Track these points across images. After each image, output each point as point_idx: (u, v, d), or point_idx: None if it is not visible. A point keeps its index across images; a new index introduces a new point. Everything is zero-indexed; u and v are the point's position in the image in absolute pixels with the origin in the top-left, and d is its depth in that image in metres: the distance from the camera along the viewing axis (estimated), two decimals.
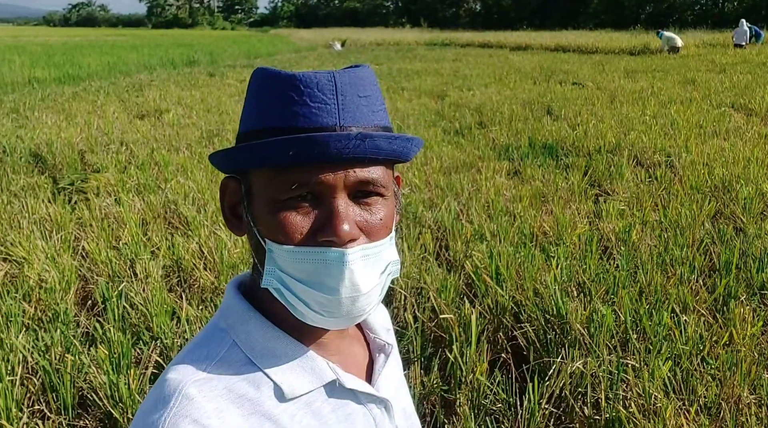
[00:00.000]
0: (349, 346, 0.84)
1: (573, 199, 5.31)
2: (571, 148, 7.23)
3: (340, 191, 0.70)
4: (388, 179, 0.74)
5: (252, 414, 0.70)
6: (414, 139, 0.75)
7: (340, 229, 0.68)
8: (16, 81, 15.77)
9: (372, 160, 0.71)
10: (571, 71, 16.37)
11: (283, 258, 0.70)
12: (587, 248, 3.97)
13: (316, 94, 0.70)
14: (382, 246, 0.73)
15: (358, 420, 0.79)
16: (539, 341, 3.05)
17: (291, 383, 0.74)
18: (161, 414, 0.66)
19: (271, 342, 0.75)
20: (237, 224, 0.79)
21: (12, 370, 2.67)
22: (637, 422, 2.36)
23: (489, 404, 2.69)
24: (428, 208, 4.99)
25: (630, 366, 2.70)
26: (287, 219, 0.69)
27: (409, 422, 0.90)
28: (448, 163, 6.61)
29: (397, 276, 0.78)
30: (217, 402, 0.69)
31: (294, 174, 0.68)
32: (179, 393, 0.68)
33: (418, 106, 10.83)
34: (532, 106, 10.25)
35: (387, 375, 0.86)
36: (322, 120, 0.69)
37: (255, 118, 0.73)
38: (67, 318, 3.21)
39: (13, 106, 11.35)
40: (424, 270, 3.70)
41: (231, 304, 0.79)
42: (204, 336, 0.78)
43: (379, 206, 0.73)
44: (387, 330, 0.92)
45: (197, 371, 0.71)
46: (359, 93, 0.72)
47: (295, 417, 0.73)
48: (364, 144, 0.68)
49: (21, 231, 4.50)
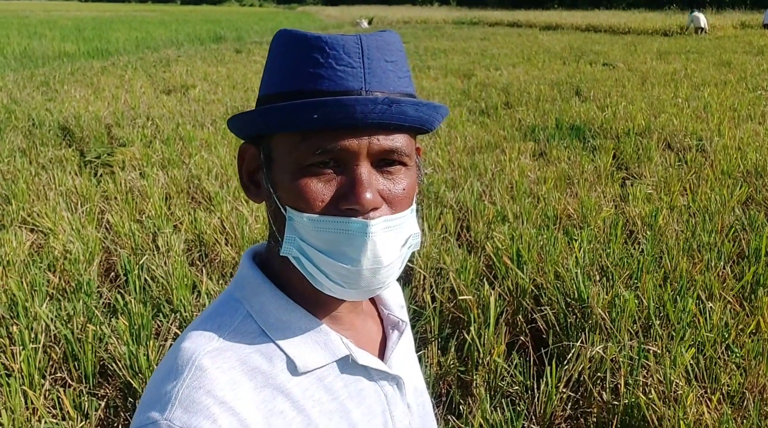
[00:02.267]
0: (363, 322, 0.83)
1: (599, 182, 5.21)
2: (599, 129, 7.08)
3: (363, 159, 0.68)
4: (411, 149, 0.72)
5: (264, 387, 0.69)
6: (440, 106, 0.72)
7: (363, 197, 0.66)
8: (47, 55, 15.97)
9: (396, 128, 0.69)
10: (601, 52, 16.02)
11: (304, 227, 0.68)
12: (612, 232, 3.89)
13: (342, 57, 0.67)
14: (404, 218, 0.71)
15: (370, 396, 0.78)
16: (559, 325, 3.01)
17: (304, 357, 0.73)
18: (174, 385, 0.65)
19: (285, 315, 0.74)
20: (255, 191, 0.77)
21: (35, 338, 2.72)
22: (656, 409, 2.32)
23: (506, 386, 2.67)
24: (450, 189, 4.93)
25: (651, 352, 2.65)
26: (309, 186, 0.67)
27: (421, 399, 0.89)
28: (473, 142, 6.53)
29: (417, 249, 0.75)
30: (230, 374, 0.68)
31: (317, 139, 0.66)
32: (192, 363, 0.67)
33: (443, 85, 10.71)
34: (560, 87, 10.06)
35: (400, 353, 0.85)
36: (347, 83, 0.67)
37: (278, 81, 0.70)
38: (90, 288, 3.26)
39: (43, 79, 11.49)
40: (444, 250, 3.67)
41: (246, 274, 0.77)
42: (218, 306, 0.77)
43: (402, 176, 0.71)
44: (401, 306, 0.90)
45: (211, 341, 0.70)
46: (386, 58, 0.70)
47: (307, 391, 0.72)
48: (390, 109, 0.66)
49: (47, 203, 4.57)
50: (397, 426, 0.81)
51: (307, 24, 35.15)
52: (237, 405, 0.66)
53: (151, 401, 0.66)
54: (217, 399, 0.65)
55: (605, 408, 2.47)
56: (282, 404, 0.70)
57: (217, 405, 0.64)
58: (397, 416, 0.81)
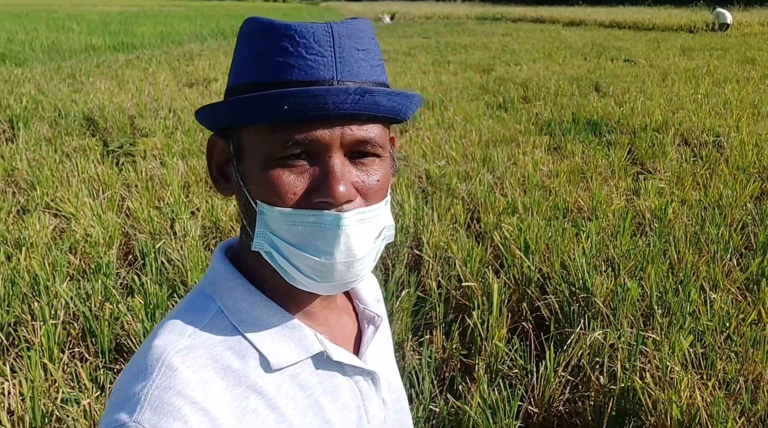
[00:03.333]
0: (338, 317, 0.81)
1: (612, 177, 5.23)
2: (616, 124, 7.07)
3: (336, 150, 0.66)
4: (385, 139, 0.71)
5: (237, 386, 0.68)
6: (413, 95, 0.71)
7: (336, 190, 0.65)
8: (74, 48, 16.28)
9: (369, 118, 0.67)
10: (624, 48, 15.88)
11: (275, 221, 0.67)
12: (620, 224, 3.92)
13: (312, 46, 0.65)
14: (378, 210, 0.70)
15: (344, 392, 0.77)
16: (562, 312, 3.06)
17: (278, 353, 0.72)
18: (144, 385, 0.64)
19: (257, 311, 0.73)
20: (225, 185, 0.75)
21: (55, 314, 2.85)
22: (651, 392, 2.37)
23: (506, 369, 2.74)
24: (462, 181, 4.99)
25: (650, 339, 2.70)
26: (280, 179, 0.66)
27: (396, 395, 0.88)
28: (488, 136, 6.57)
29: (391, 240, 0.75)
30: (201, 372, 0.66)
31: (288, 130, 0.65)
32: (162, 363, 0.65)
33: (462, 79, 10.73)
34: (579, 82, 10.03)
35: (375, 347, 0.84)
36: (318, 73, 0.65)
37: (246, 71, 0.69)
38: (109, 270, 3.39)
39: (69, 71, 11.75)
40: (452, 240, 3.73)
41: (217, 269, 0.76)
42: (189, 302, 0.75)
43: (376, 167, 0.70)
44: (377, 300, 0.90)
45: (181, 338, 0.68)
46: (357, 46, 0.68)
47: (280, 388, 0.71)
48: (363, 99, 0.65)
49: (70, 189, 4.72)
50: (371, 422, 0.80)
51: (330, 19, 35.15)
52: (208, 404, 0.65)
53: (119, 402, 0.64)
54: (187, 399, 0.63)
55: (602, 392, 2.53)
56: (255, 402, 0.69)
57: (187, 406, 0.63)
58: (372, 411, 0.80)
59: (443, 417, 2.43)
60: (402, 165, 5.50)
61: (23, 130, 6.74)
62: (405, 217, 4.12)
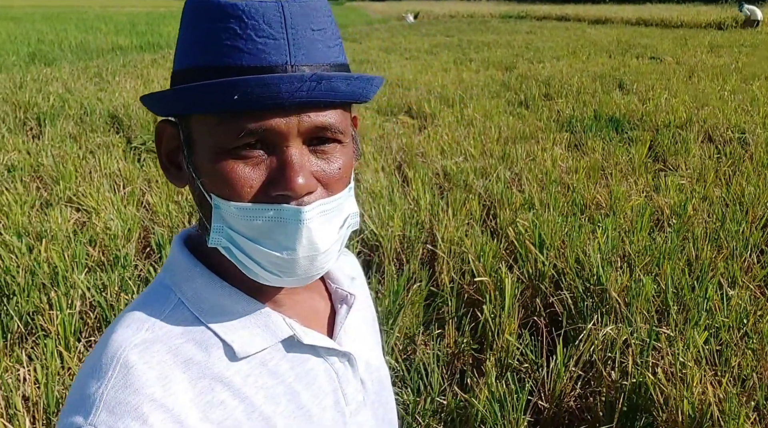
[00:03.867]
0: (308, 299, 0.78)
1: (632, 173, 5.15)
2: (639, 122, 6.97)
3: (293, 139, 0.62)
4: (346, 123, 0.67)
5: (200, 378, 0.65)
6: (374, 78, 0.67)
7: (294, 182, 0.61)
8: (101, 48, 16.57)
9: (328, 104, 0.63)
10: (650, 45, 15.65)
11: (232, 215, 0.63)
12: (638, 220, 3.87)
13: (262, 27, 0.60)
14: (341, 199, 0.67)
15: (319, 375, 0.74)
16: (575, 308, 3.03)
17: (243, 341, 0.68)
18: (99, 386, 0.61)
19: (220, 299, 0.69)
20: (176, 174, 0.71)
21: (72, 304, 2.91)
22: (663, 388, 2.33)
23: (516, 363, 2.72)
24: (480, 177, 4.97)
25: (664, 335, 2.66)
26: (234, 172, 0.62)
27: (376, 374, 0.85)
28: (507, 133, 6.52)
29: (356, 228, 0.71)
30: (159, 368, 0.63)
31: (240, 120, 0.60)
32: (117, 361, 0.62)
33: (484, 77, 10.67)
34: (603, 80, 9.91)
35: (349, 327, 0.81)
36: (270, 57, 0.60)
37: (191, 54, 0.63)
38: (127, 262, 3.44)
39: (96, 70, 11.96)
40: (466, 235, 3.72)
41: (176, 259, 0.72)
42: (147, 294, 0.71)
43: (337, 154, 0.66)
44: (352, 279, 0.86)
45: (138, 332, 0.65)
46: (312, 26, 0.63)
47: (249, 377, 0.68)
48: (319, 86, 0.60)
49: (92, 184, 4.81)
50: (350, 404, 0.77)
51: (353, 18, 35.35)
52: (169, 401, 0.62)
53: (75, 403, 0.61)
54: (146, 397, 0.60)
55: (613, 387, 2.50)
56: (221, 394, 0.65)
57: (146, 404, 0.60)
58: (350, 393, 0.77)
59: (451, 410, 2.43)
60: (420, 161, 5.49)
61: (49, 127, 6.88)
62: (421, 213, 4.12)
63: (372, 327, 0.92)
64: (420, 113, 7.80)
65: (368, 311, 0.93)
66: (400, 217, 3.94)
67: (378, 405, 0.84)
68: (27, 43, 16.84)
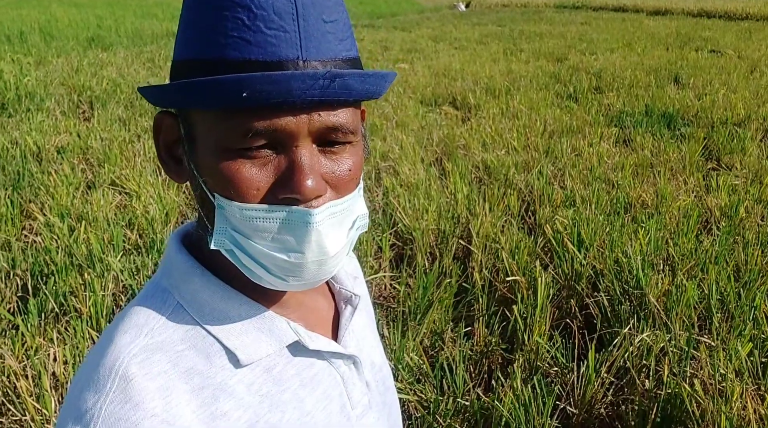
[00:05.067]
0: (312, 300, 0.75)
1: (682, 172, 4.94)
2: (693, 118, 6.68)
3: (303, 139, 0.59)
4: (357, 122, 0.64)
5: (203, 389, 0.62)
6: (388, 74, 0.63)
7: (304, 185, 0.58)
8: (156, 34, 16.94)
9: (340, 103, 0.60)
10: (711, 38, 15.00)
11: (237, 217, 0.60)
12: (684, 221, 3.70)
13: (272, 18, 0.56)
14: (351, 201, 0.64)
15: (324, 380, 0.72)
16: (612, 311, 2.91)
17: (246, 348, 0.65)
18: (97, 400, 0.58)
19: (221, 303, 0.66)
20: (175, 168, 0.67)
21: (105, 286, 2.96)
22: (700, 400, 2.21)
23: (545, 366, 2.63)
24: (521, 171, 4.84)
25: (704, 344, 2.52)
26: (240, 172, 0.58)
27: (380, 375, 0.83)
28: (553, 126, 6.35)
29: (365, 230, 0.68)
30: (161, 379, 0.60)
31: (247, 119, 0.57)
32: (116, 374, 0.59)
33: (533, 68, 10.43)
34: (657, 73, 9.54)
35: (354, 329, 0.79)
36: (280, 51, 0.57)
37: (194, 44, 0.59)
38: (163, 246, 3.49)
39: (149, 56, 12.22)
40: (502, 231, 3.63)
41: (173, 259, 0.69)
42: (144, 298, 0.67)
43: (347, 155, 0.63)
44: (354, 278, 0.84)
45: (136, 339, 0.62)
46: (324, 17, 0.59)
47: (252, 385, 0.65)
48: (333, 84, 0.57)
49: (135, 168, 4.90)
50: (355, 408, 0.75)
51: (404, 7, 35.14)
52: (170, 415, 0.59)
53: (72, 417, 0.58)
54: (147, 412, 0.57)
55: (647, 396, 2.39)
56: (225, 404, 0.63)
57: (147, 419, 0.57)
58: (355, 397, 0.75)
59: (475, 412, 2.36)
60: (460, 154, 5.40)
61: (100, 111, 7.06)
62: (457, 207, 4.04)
63: (372, 325, 0.89)
64: (464, 104, 7.68)
65: (368, 309, 0.90)
66: (436, 211, 3.87)
67: (383, 406, 0.82)
68: (87, 28, 17.36)
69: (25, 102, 7.44)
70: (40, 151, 5.40)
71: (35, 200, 4.27)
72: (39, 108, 7.17)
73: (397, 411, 0.88)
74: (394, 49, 13.54)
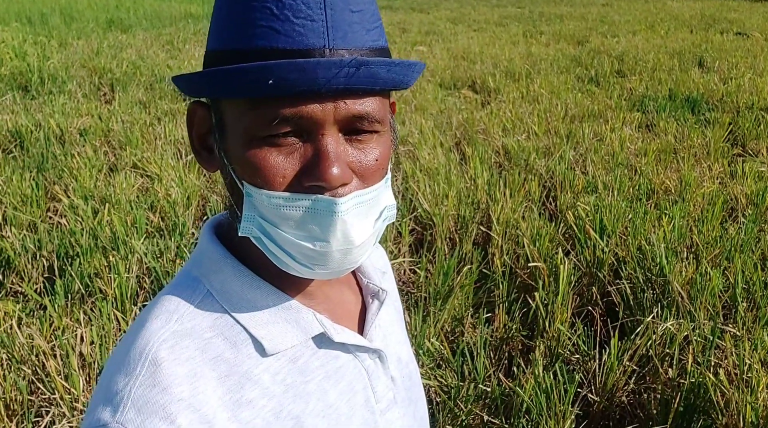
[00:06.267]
0: (339, 293, 0.76)
1: (707, 158, 4.86)
2: (718, 102, 6.57)
3: (329, 127, 0.59)
4: (384, 111, 0.63)
5: (229, 376, 0.63)
6: (416, 64, 0.63)
7: (329, 173, 0.58)
8: (174, 15, 16.95)
9: (366, 91, 0.60)
10: (736, 20, 14.68)
11: (264, 205, 0.61)
12: (709, 208, 3.65)
13: (299, 7, 0.57)
14: (378, 191, 0.64)
15: (349, 373, 0.72)
16: (635, 299, 2.89)
17: (273, 337, 0.67)
18: (127, 382, 0.59)
19: (249, 292, 0.67)
20: (207, 157, 0.69)
21: (129, 268, 2.99)
22: (724, 390, 2.20)
23: (567, 354, 2.63)
24: (542, 156, 4.80)
25: (729, 333, 2.50)
26: (267, 160, 0.59)
27: (406, 370, 0.83)
28: (574, 111, 6.28)
29: (393, 220, 0.68)
30: (189, 365, 0.61)
31: (273, 106, 0.57)
32: (146, 358, 0.61)
33: (553, 51, 10.29)
34: (681, 56, 9.37)
35: (381, 323, 0.79)
36: (307, 40, 0.57)
37: (226, 34, 0.61)
38: (185, 229, 3.52)
39: (168, 38, 12.24)
40: (522, 217, 3.61)
41: (205, 249, 0.70)
42: (175, 285, 0.69)
43: (374, 144, 0.63)
44: (383, 273, 0.84)
45: (167, 325, 0.64)
46: (351, 7, 0.60)
47: (278, 375, 0.66)
48: (358, 72, 0.57)
49: (156, 151, 4.93)
50: (380, 402, 0.75)
51: None
52: (197, 400, 0.60)
53: (102, 399, 0.60)
54: (174, 396, 0.59)
55: (670, 385, 2.38)
56: (250, 392, 0.64)
57: (174, 403, 0.58)
58: (380, 391, 0.75)
59: (496, 397, 2.37)
60: (480, 138, 5.36)
61: (121, 93, 7.10)
62: (477, 192, 4.02)
63: (400, 321, 0.89)
64: (484, 88, 7.61)
65: (397, 304, 0.90)
66: (456, 196, 3.86)
67: (408, 402, 0.82)
68: (106, 10, 17.42)
69: (48, 84, 7.50)
70: (63, 134, 5.45)
71: (59, 182, 4.32)
72: (61, 90, 7.23)
73: (424, 407, 0.88)
74: (412, 31, 13.42)
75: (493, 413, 2.36)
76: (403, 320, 0.92)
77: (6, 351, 2.45)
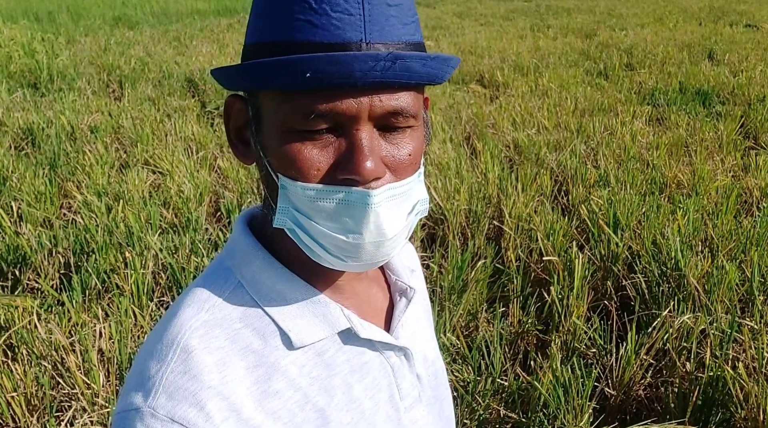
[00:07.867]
0: (367, 289, 0.76)
1: (719, 151, 4.84)
2: (729, 95, 6.53)
3: (364, 122, 0.60)
4: (418, 106, 0.64)
5: (257, 367, 0.65)
6: (451, 58, 0.64)
7: (363, 167, 0.59)
8: (181, 12, 16.96)
9: (402, 86, 0.60)
10: (746, 12, 14.56)
11: (298, 197, 0.62)
12: (723, 202, 3.63)
13: (337, 2, 0.58)
14: (410, 185, 0.64)
15: (374, 368, 0.72)
16: (650, 293, 2.89)
17: (300, 330, 0.67)
18: (159, 368, 0.61)
19: (279, 284, 0.68)
20: (243, 150, 0.69)
21: (145, 264, 3.01)
22: (743, 383, 2.19)
23: (583, 348, 2.63)
24: (552, 150, 4.79)
25: (747, 326, 2.49)
26: (302, 153, 0.60)
27: (432, 369, 0.83)
28: (584, 105, 6.25)
29: (425, 215, 0.68)
30: (218, 354, 0.63)
31: (310, 100, 0.58)
32: (178, 345, 0.62)
33: (561, 44, 10.25)
34: (691, 49, 9.31)
35: (408, 321, 0.79)
36: (344, 34, 0.58)
37: (264, 28, 0.61)
38: (198, 225, 3.53)
39: (175, 34, 12.26)
40: (535, 212, 3.60)
41: (238, 241, 0.71)
42: (208, 275, 0.71)
43: (408, 139, 0.63)
44: (411, 271, 0.84)
45: (198, 314, 0.65)
46: (388, 1, 0.60)
47: (304, 367, 0.67)
48: (394, 66, 0.57)
49: (167, 147, 4.95)
50: (404, 399, 0.75)
51: None
52: (226, 388, 0.62)
53: (135, 384, 0.62)
54: (204, 383, 0.60)
55: (687, 379, 2.37)
56: (277, 383, 0.65)
57: (204, 391, 0.60)
58: (405, 388, 0.75)
59: (513, 391, 2.37)
60: (490, 133, 5.35)
61: (130, 90, 7.12)
62: (489, 187, 4.02)
63: (428, 320, 0.89)
64: (492, 82, 7.59)
65: (425, 303, 0.90)
66: (467, 191, 3.86)
67: (434, 401, 0.82)
68: (113, 7, 17.45)
69: (57, 81, 7.52)
70: (74, 131, 5.47)
71: (72, 179, 4.35)
72: (70, 87, 7.25)
73: (450, 407, 0.88)
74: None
75: (510, 406, 2.36)
76: (431, 319, 0.91)
77: (26, 347, 2.47)
